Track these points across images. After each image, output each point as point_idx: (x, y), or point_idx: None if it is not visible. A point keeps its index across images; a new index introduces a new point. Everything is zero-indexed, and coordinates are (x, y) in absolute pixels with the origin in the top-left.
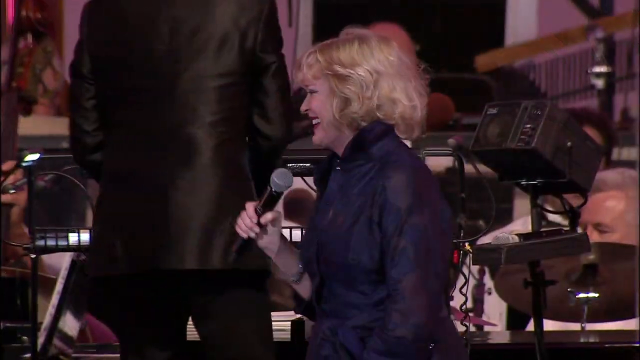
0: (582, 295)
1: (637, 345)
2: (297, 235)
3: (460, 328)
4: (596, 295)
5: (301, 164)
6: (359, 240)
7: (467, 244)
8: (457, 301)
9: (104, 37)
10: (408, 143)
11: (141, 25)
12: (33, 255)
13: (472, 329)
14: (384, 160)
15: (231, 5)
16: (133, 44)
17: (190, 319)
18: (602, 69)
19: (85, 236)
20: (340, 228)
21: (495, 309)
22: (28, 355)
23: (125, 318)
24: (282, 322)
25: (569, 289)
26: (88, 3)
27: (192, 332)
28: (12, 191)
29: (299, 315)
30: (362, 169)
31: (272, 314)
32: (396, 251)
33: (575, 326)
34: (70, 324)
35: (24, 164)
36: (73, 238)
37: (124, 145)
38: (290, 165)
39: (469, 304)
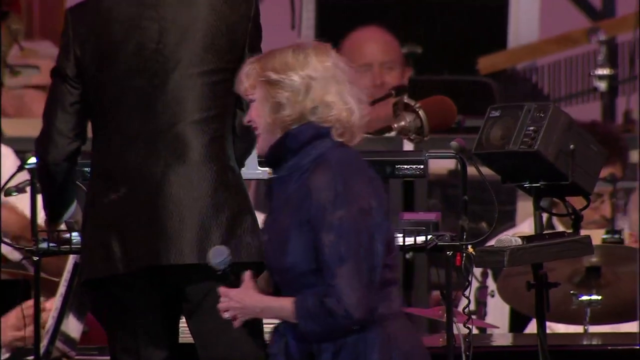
0: (584, 297)
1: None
2: None
3: (463, 330)
4: (599, 297)
5: None
6: (294, 243)
7: (470, 246)
8: (460, 304)
9: (90, 40)
10: (410, 145)
11: (129, 25)
12: (36, 258)
13: (475, 331)
14: (316, 162)
15: (219, 3)
16: (121, 44)
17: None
18: (604, 71)
19: None
20: (279, 235)
21: (498, 312)
22: (31, 357)
23: (120, 318)
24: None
25: (571, 292)
26: (71, 7)
27: (186, 335)
28: (15, 193)
29: None
30: (297, 173)
31: None
32: (327, 246)
33: (578, 328)
34: (72, 326)
35: (26, 166)
36: (75, 240)
37: (115, 145)
38: None
39: (472, 307)
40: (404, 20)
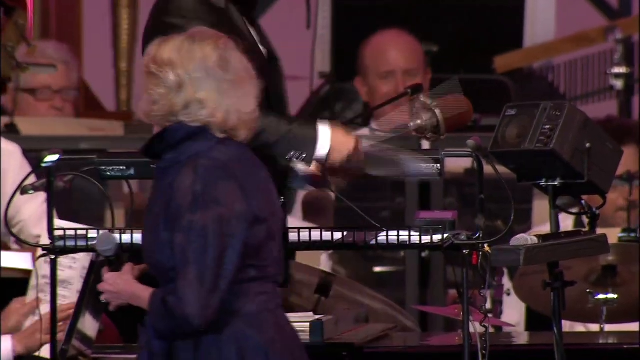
0: (601, 296)
1: None
2: (316, 235)
3: (480, 329)
4: (615, 296)
5: None
6: (161, 239)
7: (486, 245)
8: (476, 302)
9: None
10: (427, 145)
11: None
12: (52, 257)
13: (491, 330)
14: (190, 160)
15: None
16: None
17: None
18: (621, 70)
19: None
20: (150, 228)
21: (514, 310)
22: (47, 356)
23: None
24: (300, 323)
25: (588, 290)
26: None
27: None
28: (32, 192)
29: (317, 316)
30: (177, 167)
31: (291, 315)
32: (176, 247)
33: (594, 327)
34: (89, 325)
35: (43, 165)
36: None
37: None
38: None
39: (488, 305)
40: (420, 19)
